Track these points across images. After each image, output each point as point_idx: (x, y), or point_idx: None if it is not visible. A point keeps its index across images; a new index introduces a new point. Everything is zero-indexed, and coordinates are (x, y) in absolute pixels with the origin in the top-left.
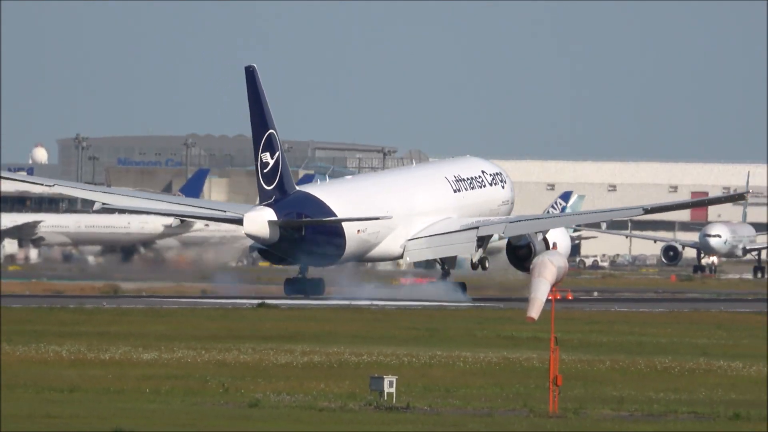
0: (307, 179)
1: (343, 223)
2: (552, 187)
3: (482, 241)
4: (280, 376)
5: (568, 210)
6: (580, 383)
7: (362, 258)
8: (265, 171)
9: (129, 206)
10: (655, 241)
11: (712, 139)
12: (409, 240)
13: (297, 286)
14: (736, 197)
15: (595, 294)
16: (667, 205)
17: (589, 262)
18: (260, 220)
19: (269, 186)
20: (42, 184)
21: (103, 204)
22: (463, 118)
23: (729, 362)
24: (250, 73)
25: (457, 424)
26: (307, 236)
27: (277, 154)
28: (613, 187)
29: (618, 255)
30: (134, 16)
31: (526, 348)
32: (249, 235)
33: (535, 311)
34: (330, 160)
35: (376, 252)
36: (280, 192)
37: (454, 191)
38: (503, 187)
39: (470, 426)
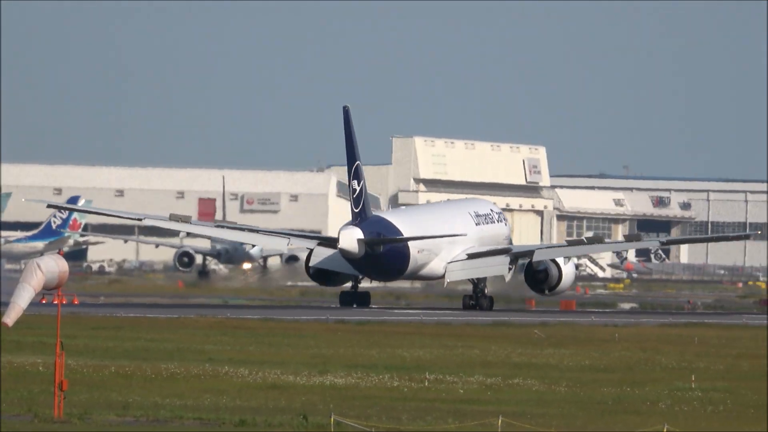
0: None
1: (409, 244)
2: (59, 191)
3: (513, 263)
4: None
5: (76, 214)
6: (85, 388)
7: (415, 275)
8: (354, 196)
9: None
10: (156, 246)
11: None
12: (450, 262)
13: (349, 298)
14: (743, 236)
15: (102, 299)
16: (682, 239)
17: (95, 267)
18: (352, 237)
19: (356, 209)
20: (132, 218)
21: (188, 233)
22: None
23: (235, 368)
24: (346, 112)
25: None
26: (384, 253)
27: (362, 182)
28: (120, 193)
29: (125, 260)
30: None
31: (31, 352)
32: (342, 250)
33: (11, 317)
34: None
35: (425, 271)
36: (362, 215)
37: (476, 224)
38: (505, 224)
39: None
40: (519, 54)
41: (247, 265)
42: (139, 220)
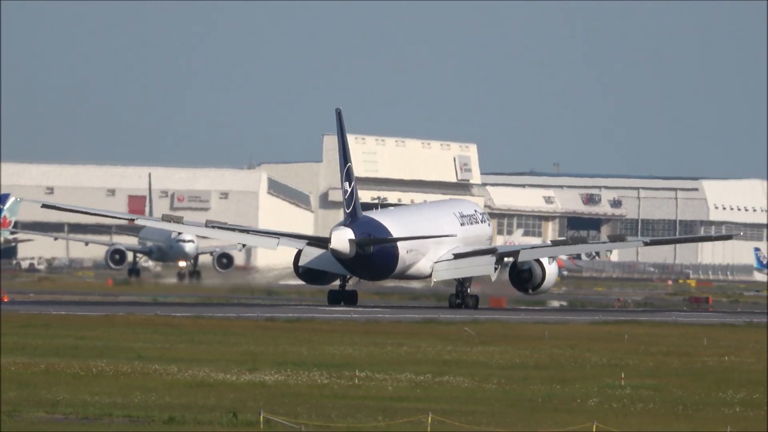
0: None
1: (398, 244)
2: None
3: (499, 263)
4: None
5: (5, 212)
6: (14, 385)
7: (403, 275)
8: (345, 197)
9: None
10: (86, 244)
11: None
12: (436, 262)
13: (337, 297)
14: (725, 237)
15: (31, 296)
16: (666, 240)
17: (26, 264)
18: (343, 238)
19: (347, 210)
20: (126, 219)
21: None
22: None
23: (165, 366)
24: (339, 115)
25: None
26: (374, 253)
27: (353, 184)
28: (50, 190)
29: (55, 258)
30: None
31: None
32: (333, 250)
33: None
34: None
35: (412, 271)
36: (353, 216)
37: (461, 225)
38: (488, 225)
39: None
40: (449, 52)
41: (182, 263)
42: (132, 220)
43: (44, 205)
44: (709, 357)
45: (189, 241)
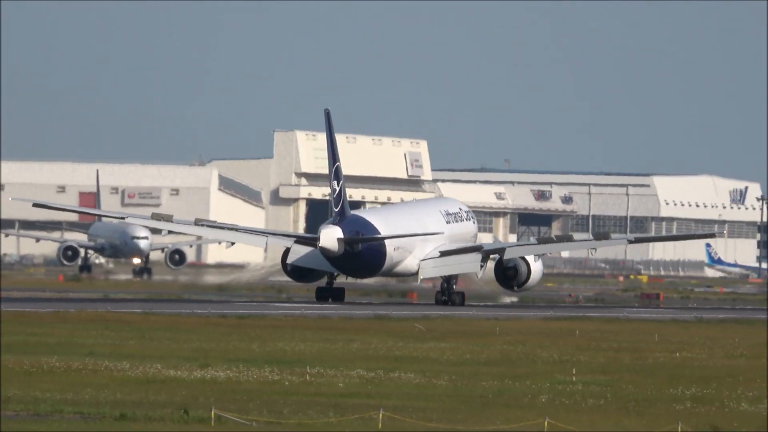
0: None
1: (386, 242)
2: None
3: (485, 260)
4: None
5: None
6: None
7: (390, 273)
8: (334, 196)
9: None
10: (37, 240)
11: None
12: (423, 260)
13: (325, 293)
14: (708, 235)
15: None
16: (650, 237)
17: None
18: (332, 236)
19: (336, 208)
20: (118, 218)
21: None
22: None
23: (116, 363)
24: (327, 115)
25: None
26: (362, 251)
27: (341, 183)
28: (0, 187)
29: (5, 254)
30: None
31: None
32: (322, 249)
33: None
34: None
35: (399, 268)
36: (341, 214)
37: (446, 222)
38: (473, 223)
39: None
40: (399, 48)
41: (136, 260)
42: (123, 218)
43: (35, 204)
44: (660, 353)
45: (143, 237)
